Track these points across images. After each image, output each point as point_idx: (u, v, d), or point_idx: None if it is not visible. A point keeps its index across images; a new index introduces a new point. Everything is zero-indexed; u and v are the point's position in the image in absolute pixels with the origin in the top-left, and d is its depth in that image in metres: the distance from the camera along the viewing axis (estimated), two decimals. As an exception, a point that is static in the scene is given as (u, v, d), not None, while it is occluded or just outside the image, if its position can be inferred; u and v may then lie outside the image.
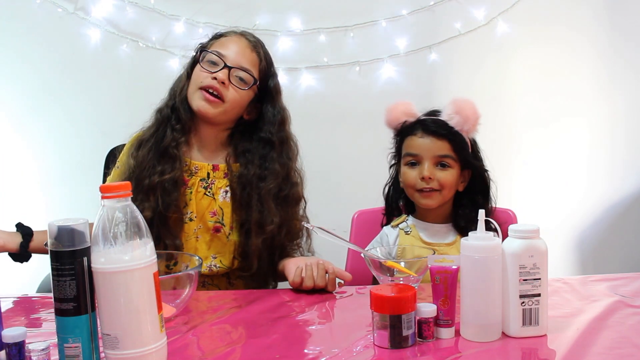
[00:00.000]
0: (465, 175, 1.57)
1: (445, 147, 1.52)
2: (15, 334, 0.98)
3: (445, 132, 1.51)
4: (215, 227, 1.60)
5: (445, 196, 1.54)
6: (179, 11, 2.46)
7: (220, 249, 1.61)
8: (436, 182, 1.52)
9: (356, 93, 2.51)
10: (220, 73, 1.55)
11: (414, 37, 2.50)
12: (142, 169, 1.57)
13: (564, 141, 2.61)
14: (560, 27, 2.54)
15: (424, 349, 1.06)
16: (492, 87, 2.55)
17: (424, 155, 1.53)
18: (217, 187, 1.62)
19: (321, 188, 2.51)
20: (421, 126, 1.54)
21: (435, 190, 1.53)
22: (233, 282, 1.65)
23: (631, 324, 1.15)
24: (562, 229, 2.62)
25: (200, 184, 1.61)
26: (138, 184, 1.55)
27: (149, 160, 1.58)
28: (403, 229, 1.60)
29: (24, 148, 2.51)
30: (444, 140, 1.51)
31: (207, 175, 1.62)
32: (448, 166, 1.52)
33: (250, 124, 1.64)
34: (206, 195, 1.61)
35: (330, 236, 1.42)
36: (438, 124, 1.52)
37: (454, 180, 1.53)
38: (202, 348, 1.11)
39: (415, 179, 1.54)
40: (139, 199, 1.53)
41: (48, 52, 2.45)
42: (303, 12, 2.47)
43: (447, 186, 1.53)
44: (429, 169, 1.52)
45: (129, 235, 0.96)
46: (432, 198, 1.54)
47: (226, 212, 1.61)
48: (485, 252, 1.08)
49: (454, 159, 1.52)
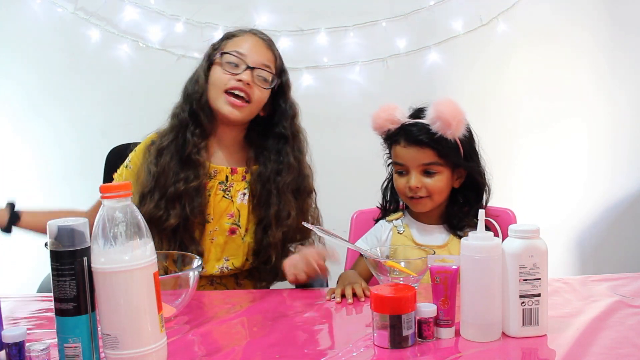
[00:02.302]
0: (461, 172, 1.56)
1: (429, 155, 1.49)
2: (15, 334, 0.98)
3: (428, 140, 1.48)
4: (232, 229, 1.61)
5: (437, 200, 1.54)
6: (179, 11, 2.46)
7: (233, 251, 1.62)
8: (424, 190, 1.51)
9: (356, 93, 2.51)
10: (244, 74, 1.55)
11: (414, 37, 2.50)
12: (166, 177, 1.56)
13: (565, 141, 2.61)
14: (560, 26, 2.54)
15: (424, 349, 1.06)
16: (492, 87, 2.55)
17: (409, 164, 1.52)
18: (236, 189, 1.62)
19: (321, 188, 2.52)
20: (404, 135, 1.51)
21: (425, 197, 1.52)
22: (241, 282, 1.66)
23: (631, 324, 1.15)
24: (562, 229, 2.62)
25: (219, 187, 1.61)
26: (162, 191, 1.55)
27: (171, 167, 1.56)
28: (396, 227, 1.60)
29: (24, 148, 2.51)
30: (426, 148, 1.49)
31: (226, 179, 1.62)
32: (435, 172, 1.51)
33: (264, 121, 1.65)
34: (224, 198, 1.61)
35: (330, 236, 1.42)
36: (421, 131, 1.49)
37: (443, 185, 1.52)
38: (203, 348, 1.11)
39: (404, 187, 1.54)
40: (163, 206, 1.54)
41: (48, 52, 2.45)
42: (303, 12, 2.47)
43: (437, 192, 1.52)
44: (415, 179, 1.51)
45: (129, 235, 0.96)
46: (423, 204, 1.54)
47: (243, 213, 1.62)
48: (485, 252, 1.08)
49: (441, 164, 1.50)
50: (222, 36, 1.65)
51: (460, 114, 1.47)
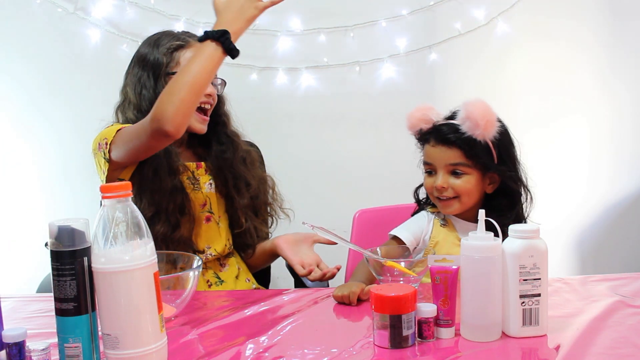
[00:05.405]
0: (494, 177, 1.52)
1: (456, 155, 1.48)
2: (15, 334, 0.98)
3: (456, 140, 1.46)
4: (207, 217, 1.68)
5: (466, 203, 1.50)
6: (179, 11, 2.45)
7: (213, 238, 1.69)
8: (451, 191, 1.49)
9: (356, 93, 2.51)
10: (210, 88, 1.61)
11: (414, 37, 2.50)
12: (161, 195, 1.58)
13: (565, 140, 2.60)
14: (560, 26, 2.53)
15: (424, 349, 1.06)
16: (493, 86, 2.54)
17: (437, 164, 1.50)
18: (203, 182, 1.69)
19: (321, 188, 2.53)
20: (434, 134, 1.50)
21: (453, 198, 1.50)
22: (223, 263, 1.72)
23: (631, 324, 1.15)
24: (563, 229, 2.62)
25: (188, 182, 1.66)
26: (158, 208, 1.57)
27: (159, 181, 1.58)
28: (439, 219, 1.57)
29: (24, 148, 2.50)
30: (454, 148, 1.47)
31: (192, 174, 1.67)
32: (463, 173, 1.48)
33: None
34: (194, 190, 1.66)
35: (331, 236, 1.42)
36: (451, 131, 1.47)
37: (472, 186, 1.49)
38: (203, 348, 1.11)
39: (432, 187, 1.52)
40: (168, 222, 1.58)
41: (48, 52, 2.45)
42: (303, 12, 2.47)
43: (464, 193, 1.49)
44: (442, 179, 1.49)
45: (129, 235, 0.96)
46: (451, 206, 1.51)
47: (213, 201, 1.70)
48: (485, 252, 1.08)
49: (468, 166, 1.48)
50: (165, 48, 1.62)
51: (491, 115, 1.45)
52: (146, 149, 1.49)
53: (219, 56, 1.41)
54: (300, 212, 1.85)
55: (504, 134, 1.51)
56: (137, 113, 1.62)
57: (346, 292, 1.32)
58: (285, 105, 2.49)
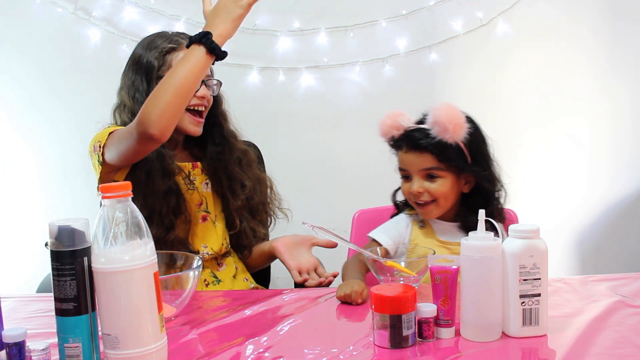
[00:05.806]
0: (469, 177, 1.54)
1: (429, 160, 1.50)
2: (15, 334, 0.98)
3: (427, 145, 1.48)
4: (203, 217, 1.69)
5: (443, 205, 1.53)
6: (179, 11, 2.45)
7: (209, 237, 1.69)
8: (427, 195, 1.51)
9: (356, 93, 2.51)
10: (202, 90, 1.61)
11: (414, 37, 2.50)
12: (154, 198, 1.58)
13: (565, 140, 2.60)
14: (560, 26, 2.53)
15: (424, 349, 1.07)
16: (493, 86, 2.54)
17: (411, 170, 1.52)
18: (199, 182, 1.70)
19: (321, 188, 2.53)
20: (405, 141, 1.52)
21: (431, 202, 1.52)
22: (221, 262, 1.72)
23: (631, 324, 1.15)
24: (563, 229, 2.62)
25: (184, 182, 1.66)
26: (151, 211, 1.56)
27: (152, 184, 1.58)
28: (417, 222, 1.59)
29: (24, 148, 2.51)
30: (426, 153, 1.49)
31: (188, 174, 1.68)
32: (437, 177, 1.50)
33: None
34: (190, 190, 1.67)
35: (331, 236, 1.42)
36: (422, 136, 1.49)
37: (448, 189, 1.51)
38: (203, 348, 1.11)
39: (409, 193, 1.54)
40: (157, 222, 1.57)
41: (48, 52, 2.45)
42: (303, 12, 2.47)
43: (441, 196, 1.51)
44: (417, 184, 1.51)
45: (129, 235, 0.96)
46: (430, 211, 1.53)
47: (209, 201, 1.71)
48: (485, 252, 1.08)
49: (442, 169, 1.50)
50: (157, 51, 1.63)
51: (458, 118, 1.46)
52: (135, 152, 1.47)
53: (203, 58, 1.39)
54: (300, 212, 1.85)
55: (475, 133, 1.52)
56: (131, 116, 1.61)
57: (348, 291, 1.32)
58: (285, 105, 2.49)
